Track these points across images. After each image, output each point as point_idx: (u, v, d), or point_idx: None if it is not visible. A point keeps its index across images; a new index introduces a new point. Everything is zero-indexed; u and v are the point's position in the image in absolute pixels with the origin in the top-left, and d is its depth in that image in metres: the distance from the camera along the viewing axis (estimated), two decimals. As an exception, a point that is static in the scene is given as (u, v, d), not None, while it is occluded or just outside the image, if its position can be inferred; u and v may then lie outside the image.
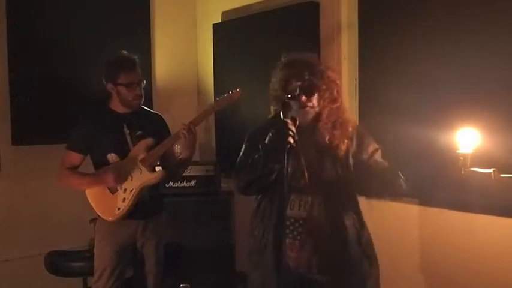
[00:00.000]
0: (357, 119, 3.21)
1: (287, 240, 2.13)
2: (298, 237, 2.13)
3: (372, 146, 2.18)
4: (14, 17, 3.51)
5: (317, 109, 2.13)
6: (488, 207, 2.60)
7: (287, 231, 2.13)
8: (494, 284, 2.64)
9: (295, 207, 2.14)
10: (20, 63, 3.53)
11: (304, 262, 2.14)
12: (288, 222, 2.14)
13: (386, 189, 2.14)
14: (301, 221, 2.13)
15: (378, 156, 2.17)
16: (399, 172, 2.14)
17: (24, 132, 3.55)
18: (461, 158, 1.95)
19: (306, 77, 2.09)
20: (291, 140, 1.91)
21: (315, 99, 2.12)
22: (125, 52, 2.80)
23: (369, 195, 2.17)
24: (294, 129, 1.95)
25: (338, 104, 2.15)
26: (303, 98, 2.09)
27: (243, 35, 3.96)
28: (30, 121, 3.56)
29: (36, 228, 3.70)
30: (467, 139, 1.97)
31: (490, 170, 1.94)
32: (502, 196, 2.44)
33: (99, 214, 2.77)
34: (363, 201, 2.25)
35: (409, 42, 2.92)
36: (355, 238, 2.13)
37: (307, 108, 2.12)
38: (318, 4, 3.43)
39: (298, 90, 2.08)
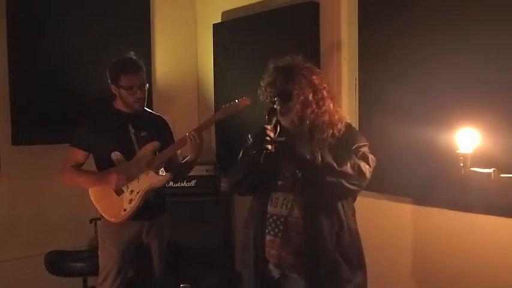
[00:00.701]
0: (357, 119, 3.21)
1: (268, 237, 2.17)
2: (279, 235, 2.15)
3: (358, 144, 2.18)
4: (14, 17, 3.51)
5: (294, 114, 2.14)
6: (488, 207, 2.60)
7: (269, 228, 2.17)
8: (494, 284, 2.64)
9: (278, 205, 2.17)
10: (20, 63, 3.53)
11: (285, 259, 2.15)
12: (270, 220, 2.17)
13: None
14: (282, 219, 2.15)
15: (364, 149, 2.17)
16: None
17: (24, 132, 3.55)
18: (461, 158, 1.95)
19: (278, 84, 2.14)
20: (268, 146, 2.00)
21: (290, 105, 2.13)
22: (131, 54, 2.81)
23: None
24: (271, 135, 2.03)
25: (313, 109, 2.14)
26: (278, 104, 2.12)
27: (243, 35, 3.96)
28: (30, 121, 3.56)
29: (36, 228, 3.70)
30: (467, 139, 1.97)
31: (490, 170, 1.94)
32: (502, 196, 2.44)
33: (104, 215, 2.77)
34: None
35: (409, 42, 2.92)
36: (334, 241, 2.12)
37: (285, 114, 2.15)
38: (318, 4, 3.43)
39: (272, 97, 2.14)
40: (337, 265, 2.12)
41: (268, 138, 2.00)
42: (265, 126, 2.04)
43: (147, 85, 2.80)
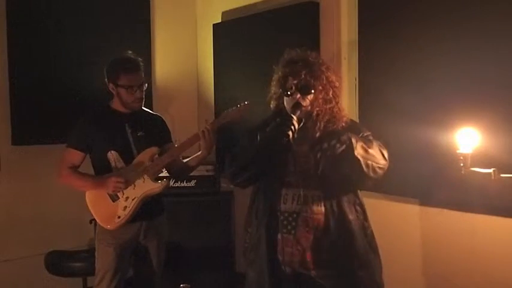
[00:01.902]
0: (357, 119, 3.21)
1: (281, 235, 2.14)
2: (293, 232, 2.13)
3: (363, 133, 2.19)
4: (14, 17, 3.51)
5: (309, 108, 2.13)
6: (488, 207, 2.60)
7: (280, 226, 2.14)
8: (494, 284, 2.64)
9: (288, 202, 2.15)
10: (20, 64, 3.53)
11: (299, 257, 2.14)
12: (281, 217, 2.15)
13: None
14: (294, 215, 2.13)
15: (368, 138, 2.17)
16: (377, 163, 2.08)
17: (24, 132, 3.55)
18: (461, 158, 1.95)
19: (303, 76, 2.11)
20: (290, 133, 1.96)
21: (309, 99, 2.13)
22: (130, 53, 2.79)
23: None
24: (296, 126, 2.00)
25: (332, 105, 2.16)
26: (298, 96, 2.11)
27: (243, 35, 3.96)
28: (30, 121, 3.56)
29: (36, 228, 3.70)
30: (467, 139, 1.97)
31: (490, 170, 1.94)
32: (502, 196, 2.44)
33: (99, 222, 2.76)
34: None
35: (409, 42, 2.92)
36: (362, 231, 2.14)
37: (305, 107, 2.12)
38: (318, 4, 3.44)
39: (293, 88, 2.12)
40: (368, 255, 2.14)
41: (292, 127, 1.98)
42: (293, 115, 2.02)
43: (146, 85, 2.78)
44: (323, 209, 2.11)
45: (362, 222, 2.15)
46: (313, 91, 2.12)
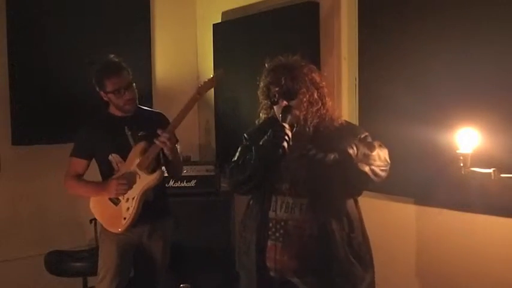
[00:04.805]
0: (357, 119, 3.21)
1: (270, 242, 2.15)
2: (280, 239, 2.13)
3: (360, 135, 2.18)
4: (14, 17, 3.51)
5: (297, 113, 2.12)
6: (488, 207, 2.60)
7: (269, 233, 2.15)
8: (494, 284, 2.64)
9: (277, 209, 2.15)
10: (20, 63, 3.53)
11: (287, 264, 2.13)
12: (270, 224, 2.15)
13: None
14: (282, 223, 2.13)
15: (367, 140, 2.17)
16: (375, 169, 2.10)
17: (24, 132, 3.56)
18: (461, 158, 1.95)
19: (283, 82, 2.10)
20: (285, 144, 1.96)
21: (295, 103, 2.11)
22: (111, 56, 2.78)
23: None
24: (290, 134, 2.00)
25: (319, 107, 2.14)
26: (284, 103, 2.10)
27: (243, 35, 3.96)
28: (30, 121, 3.56)
29: (36, 228, 3.70)
30: (467, 139, 1.97)
31: (490, 170, 1.94)
32: (502, 196, 2.44)
33: (108, 228, 2.77)
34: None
35: (409, 42, 2.92)
36: (346, 241, 2.11)
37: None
38: (318, 4, 3.43)
39: (277, 96, 2.11)
40: (351, 266, 2.11)
41: (286, 137, 1.97)
42: (283, 124, 2.02)
43: (134, 84, 2.76)
44: (309, 217, 2.10)
45: (347, 233, 2.12)
46: (297, 95, 2.11)
